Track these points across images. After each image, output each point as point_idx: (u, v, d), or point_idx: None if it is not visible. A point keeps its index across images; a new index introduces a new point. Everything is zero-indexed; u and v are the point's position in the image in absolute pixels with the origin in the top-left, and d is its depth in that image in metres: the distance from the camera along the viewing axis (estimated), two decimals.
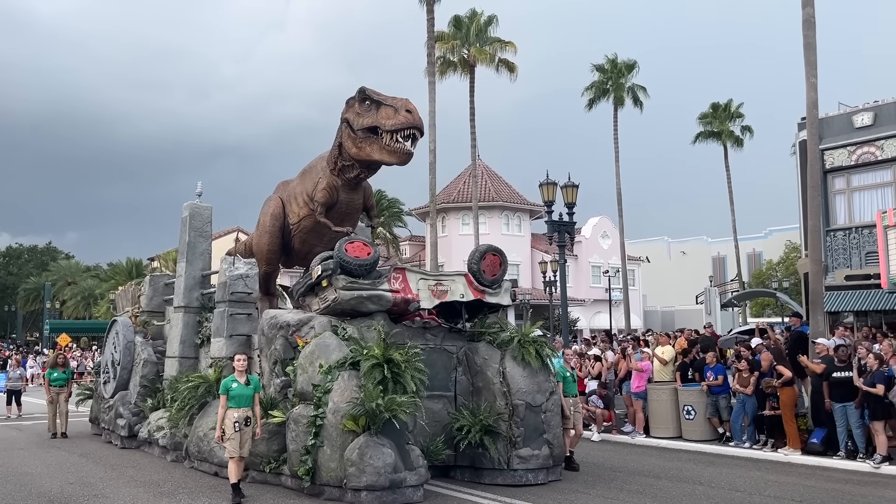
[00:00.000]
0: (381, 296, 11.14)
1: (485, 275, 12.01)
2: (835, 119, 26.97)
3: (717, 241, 66.00)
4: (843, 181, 26.76)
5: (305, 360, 10.63)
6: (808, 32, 17.94)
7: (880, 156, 25.70)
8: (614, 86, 43.03)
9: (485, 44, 37.19)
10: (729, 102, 47.23)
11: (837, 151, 26.55)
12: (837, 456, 13.16)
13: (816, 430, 13.86)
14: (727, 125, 46.96)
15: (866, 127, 25.94)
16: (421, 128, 11.44)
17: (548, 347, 11.89)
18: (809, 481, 11.61)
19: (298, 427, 10.32)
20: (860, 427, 12.97)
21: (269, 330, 11.78)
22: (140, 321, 15.98)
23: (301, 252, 14.08)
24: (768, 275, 52.52)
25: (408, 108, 11.35)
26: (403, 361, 10.19)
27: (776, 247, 56.78)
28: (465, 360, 11.89)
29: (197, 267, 14.49)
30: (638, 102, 44.05)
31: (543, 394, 11.54)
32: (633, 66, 43.48)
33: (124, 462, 13.41)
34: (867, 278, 23.99)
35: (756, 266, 60.16)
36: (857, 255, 25.76)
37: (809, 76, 17.92)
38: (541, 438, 11.35)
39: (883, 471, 12.15)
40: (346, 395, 10.02)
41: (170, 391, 13.66)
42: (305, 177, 13.55)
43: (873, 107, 26.30)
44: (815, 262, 17.82)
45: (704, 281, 56.98)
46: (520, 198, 50.85)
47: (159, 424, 13.51)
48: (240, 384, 10.42)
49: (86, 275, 72.43)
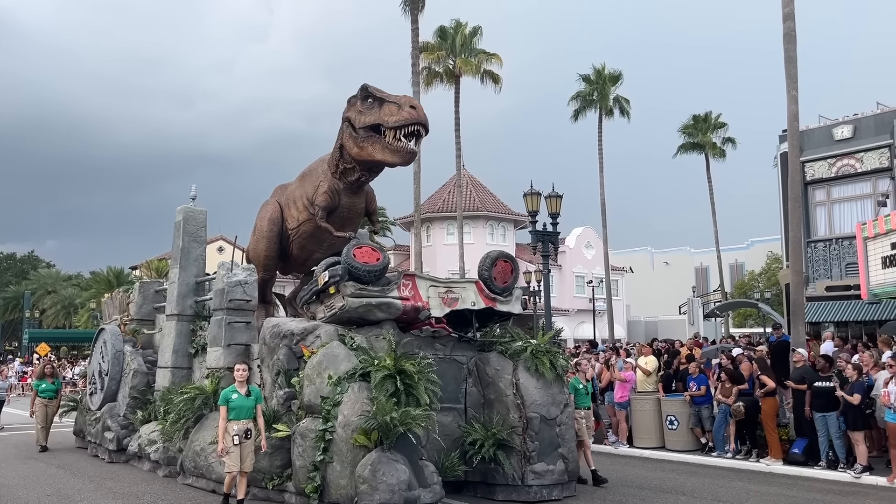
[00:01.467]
0: (390, 303, 10.47)
1: (496, 282, 11.40)
2: (815, 131, 27.14)
3: (699, 252, 66.06)
4: (824, 193, 26.91)
5: (313, 370, 9.92)
6: (789, 46, 18.04)
7: (860, 168, 25.92)
8: (600, 96, 42.63)
9: (470, 55, 36.76)
10: (709, 114, 46.93)
11: (818, 163, 26.73)
12: (818, 466, 13.09)
13: (798, 440, 13.79)
14: (709, 136, 46.70)
15: (846, 139, 26.20)
16: (426, 124, 10.88)
17: (562, 358, 11.23)
18: (791, 491, 11.52)
19: (306, 442, 9.63)
20: (840, 437, 12.88)
21: (272, 339, 11.06)
22: (129, 329, 15.14)
23: (299, 258, 13.39)
24: (750, 285, 52.60)
25: (412, 104, 10.84)
26: (416, 372, 9.58)
27: (758, 258, 56.87)
28: (476, 370, 11.25)
29: (191, 273, 13.73)
30: (624, 113, 43.74)
31: (558, 406, 10.95)
32: (619, 77, 43.23)
33: (103, 474, 12.87)
34: (847, 289, 24.08)
35: (738, 277, 60.21)
36: (838, 267, 25.97)
37: (790, 89, 18.03)
38: (555, 453, 10.76)
39: (863, 481, 12.09)
40: (357, 407, 9.36)
41: (162, 403, 12.87)
42: (305, 180, 12.89)
43: (853, 120, 26.60)
44: (797, 273, 17.89)
45: (687, 291, 56.94)
46: (504, 208, 50.40)
47: (151, 438, 12.71)
48: (240, 395, 9.76)
49: (66, 284, 70.88)
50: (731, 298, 47.53)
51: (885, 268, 19.11)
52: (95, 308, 49.83)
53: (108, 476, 12.47)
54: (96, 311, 49.13)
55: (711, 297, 51.67)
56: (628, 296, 56.97)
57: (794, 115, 18.25)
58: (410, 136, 10.92)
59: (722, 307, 40.13)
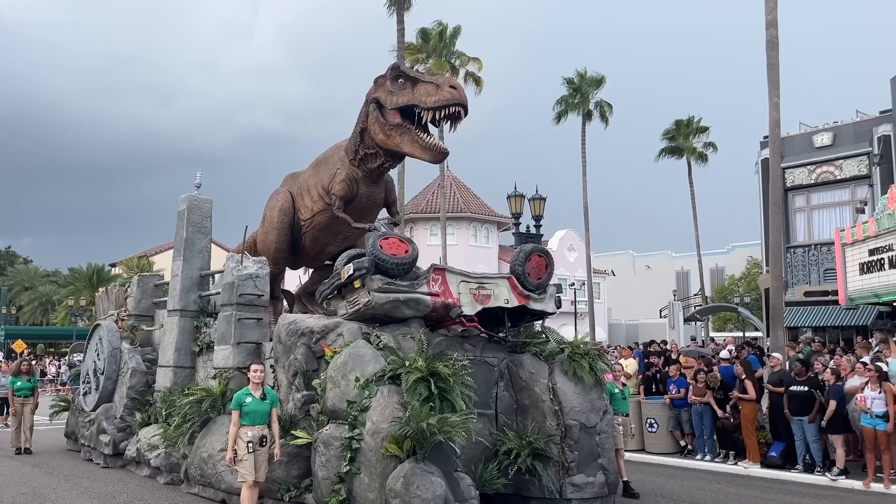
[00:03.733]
0: (419, 299, 9.48)
1: (529, 278, 10.45)
2: (796, 138, 27.37)
3: (680, 256, 65.65)
4: (804, 199, 27.14)
5: (337, 372, 8.90)
6: (772, 53, 18.14)
7: (839, 175, 26.29)
8: (582, 100, 42.05)
9: (452, 57, 35.82)
10: (691, 119, 46.30)
11: (798, 170, 27.01)
12: (795, 469, 13.19)
13: (775, 443, 13.80)
14: (690, 141, 46.14)
15: (826, 147, 26.51)
16: (466, 106, 9.86)
17: (601, 361, 10.28)
18: (768, 494, 11.54)
19: (329, 451, 8.62)
20: (817, 441, 13.01)
21: (288, 337, 10.02)
22: (127, 326, 14.00)
23: (312, 251, 12.37)
24: (730, 290, 52.09)
25: (451, 83, 9.89)
26: (450, 375, 8.57)
27: (738, 262, 56.50)
28: (508, 373, 10.29)
29: (195, 266, 12.66)
30: (604, 118, 43.17)
31: (597, 413, 10.01)
32: (601, 81, 42.75)
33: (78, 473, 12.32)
34: (825, 294, 24.29)
35: (719, 281, 59.75)
36: (816, 272, 26.26)
37: (772, 95, 18.11)
38: (595, 463, 9.82)
39: (840, 484, 12.15)
40: (388, 413, 8.38)
41: (163, 405, 11.82)
42: (320, 167, 11.86)
43: (832, 127, 26.82)
44: (776, 279, 18.00)
45: (668, 295, 56.40)
46: (488, 209, 49.59)
47: (152, 442, 11.64)
48: (255, 398, 8.77)
49: (44, 280, 68.90)
50: (711, 302, 47.20)
51: (862, 274, 19.79)
52: (74, 305, 48.25)
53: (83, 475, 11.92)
54: (75, 308, 47.64)
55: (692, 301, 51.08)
56: (610, 299, 56.38)
57: (775, 122, 18.32)
58: (447, 119, 9.89)
59: (702, 311, 40.09)
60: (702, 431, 14.63)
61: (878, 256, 19.17)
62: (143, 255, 52.49)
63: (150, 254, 54.19)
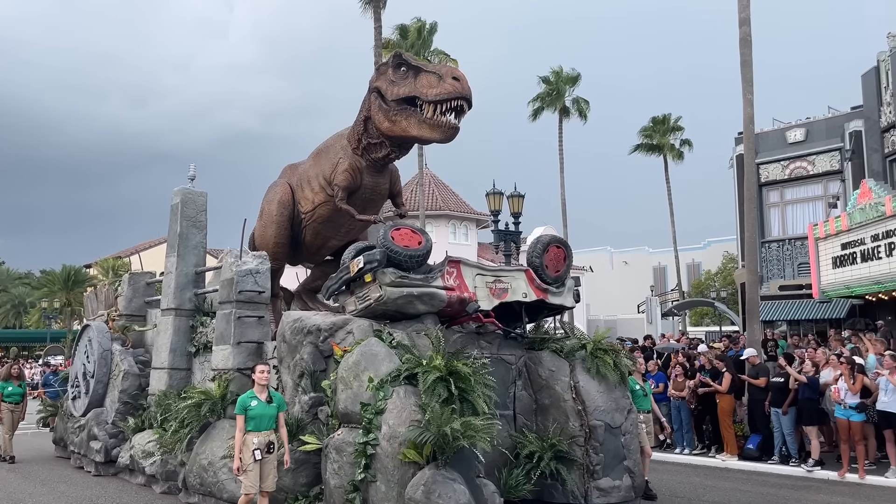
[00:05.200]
0: (434, 294, 8.80)
1: (547, 270, 9.77)
2: (769, 134, 27.52)
3: (657, 252, 65.27)
4: (778, 195, 27.37)
5: (349, 372, 8.20)
6: (745, 50, 18.21)
7: (812, 170, 26.55)
8: (559, 97, 42.19)
9: (430, 54, 35.29)
10: (668, 116, 46.05)
11: (772, 166, 27.20)
12: (772, 461, 13.40)
13: (752, 435, 14.03)
14: (667, 138, 45.96)
15: (799, 142, 26.72)
16: (470, 99, 9.17)
17: (625, 357, 9.62)
18: (746, 486, 11.64)
19: (342, 457, 7.94)
20: (793, 433, 13.20)
21: (293, 336, 9.31)
22: (118, 326, 13.19)
23: (313, 246, 11.65)
24: (707, 285, 51.85)
25: (454, 74, 9.14)
26: (471, 375, 7.88)
27: (714, 257, 56.17)
28: (527, 371, 9.60)
29: (190, 262, 11.92)
30: (582, 114, 43.30)
31: (622, 412, 9.39)
32: (577, 79, 42.76)
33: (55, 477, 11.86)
34: (800, 288, 24.47)
35: (695, 276, 59.40)
36: (791, 266, 26.45)
37: (746, 92, 18.20)
38: (621, 466, 9.20)
39: (815, 475, 12.33)
40: (405, 416, 7.72)
41: (158, 409, 11.08)
42: (321, 158, 11.16)
43: (805, 123, 27.08)
44: (752, 273, 18.06)
45: (646, 290, 56.12)
46: (467, 207, 49.06)
47: (146, 449, 10.89)
48: (260, 402, 8.09)
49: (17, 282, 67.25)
50: (688, 297, 47.26)
51: (835, 268, 20.27)
52: (48, 308, 47.05)
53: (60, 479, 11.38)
54: (49, 310, 46.48)
55: (669, 297, 51.13)
56: (588, 295, 55.77)
57: (749, 118, 18.42)
58: (451, 111, 9.20)
59: (679, 306, 40.08)
60: (681, 425, 14.77)
61: (851, 250, 19.55)
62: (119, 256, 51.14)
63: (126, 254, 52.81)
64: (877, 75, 24.73)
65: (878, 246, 18.44)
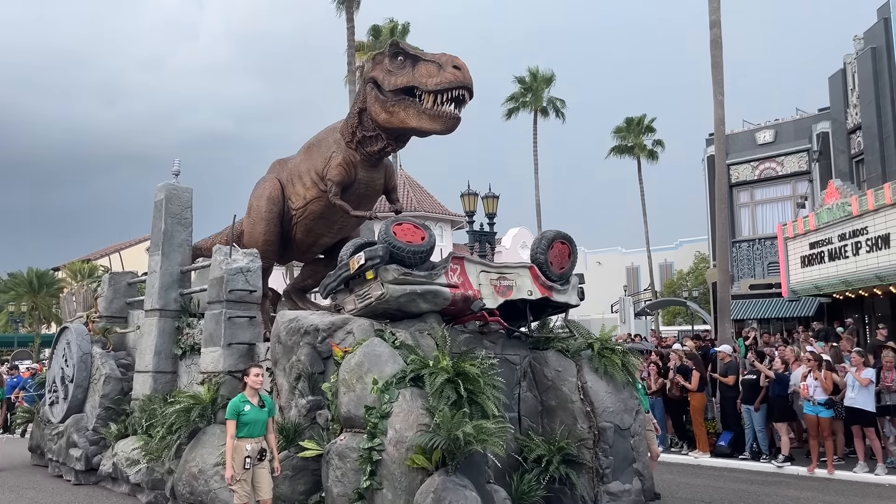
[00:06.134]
0: (437, 292, 8.27)
1: (552, 267, 9.26)
2: (740, 135, 27.80)
3: (630, 252, 65.37)
4: (748, 195, 27.62)
5: (351, 374, 7.64)
6: (716, 52, 18.28)
7: (781, 171, 26.87)
8: (534, 97, 41.77)
9: None
10: (642, 117, 46.02)
11: (742, 166, 27.49)
12: (743, 457, 13.53)
13: (724, 432, 14.18)
14: (641, 139, 45.89)
15: (768, 143, 27.01)
16: (472, 89, 8.63)
17: (633, 357, 9.13)
18: (718, 482, 11.70)
19: (346, 463, 7.38)
20: (763, 429, 13.35)
21: (289, 336, 8.71)
22: (99, 328, 12.42)
23: (304, 243, 11.06)
24: (679, 284, 52.00)
25: (455, 63, 8.60)
26: (480, 376, 7.36)
27: (686, 257, 56.28)
28: (532, 372, 9.09)
29: (175, 261, 11.25)
30: (559, 113, 43.32)
31: (630, 413, 8.96)
32: (552, 79, 42.61)
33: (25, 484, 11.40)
34: (770, 287, 24.74)
35: (668, 276, 59.48)
36: (761, 266, 26.71)
37: (717, 94, 18.28)
38: (630, 469, 8.77)
39: (786, 471, 12.48)
40: (412, 420, 7.21)
41: (142, 414, 10.38)
42: (312, 152, 10.57)
43: (774, 125, 27.34)
44: (723, 273, 18.26)
45: (619, 290, 55.91)
46: (441, 208, 48.55)
47: (131, 456, 10.21)
48: (253, 406, 7.56)
49: None
50: (660, 297, 47.23)
51: (804, 267, 20.35)
52: (15, 311, 45.47)
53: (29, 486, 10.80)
54: (16, 314, 44.96)
55: (642, 296, 51.17)
56: None
57: (720, 120, 18.50)
58: (451, 101, 8.63)
59: (652, 306, 40.12)
60: None
61: (819, 249, 19.69)
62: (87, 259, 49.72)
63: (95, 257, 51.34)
64: (843, 78, 25.08)
65: (844, 245, 18.57)
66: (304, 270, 12.10)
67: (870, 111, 22.84)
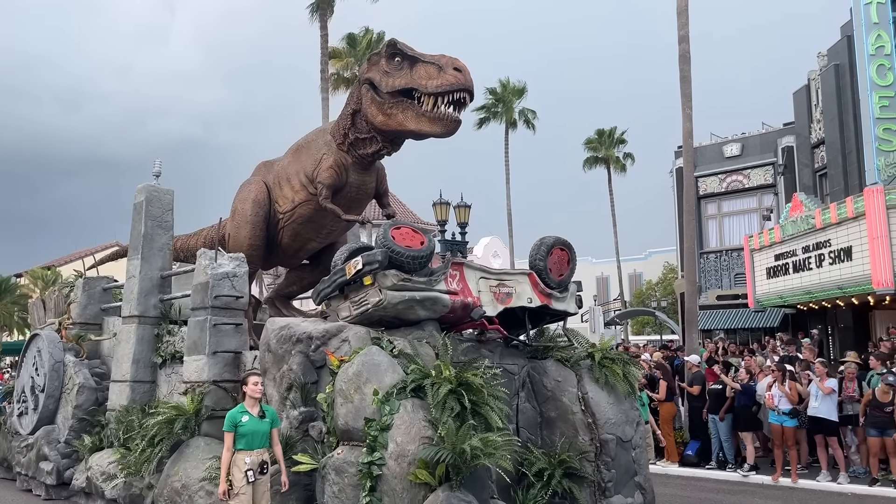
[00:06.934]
0: (437, 298, 7.83)
1: (551, 274, 8.82)
2: (708, 148, 27.94)
3: (600, 262, 65.37)
4: (715, 207, 27.75)
5: (349, 384, 7.14)
6: (684, 67, 18.29)
7: (747, 184, 26.96)
8: (505, 108, 41.53)
9: None
10: (613, 129, 46.11)
11: (710, 179, 27.58)
12: (709, 467, 13.55)
13: (692, 442, 14.19)
14: (612, 151, 45.83)
15: (735, 157, 27.17)
16: (473, 91, 8.24)
17: (633, 367, 8.74)
18: (685, 491, 11.74)
19: (343, 479, 6.89)
20: (729, 439, 13.39)
21: (280, 344, 8.17)
22: (72, 335, 11.67)
23: (290, 248, 10.53)
24: (648, 294, 52.09)
25: (455, 65, 8.21)
26: (483, 387, 6.93)
27: (655, 268, 56.45)
28: (530, 382, 8.65)
29: (155, 265, 10.63)
30: (529, 125, 43.25)
31: (632, 424, 8.62)
32: (524, 91, 42.48)
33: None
34: (736, 298, 24.67)
35: (637, 286, 59.63)
36: (728, 277, 26.72)
37: (685, 107, 18.24)
38: (632, 482, 8.46)
39: (751, 479, 12.57)
40: (414, 432, 6.77)
41: (119, 426, 9.73)
42: (301, 154, 10.08)
43: (741, 138, 27.50)
44: (691, 283, 18.28)
45: (589, 300, 55.81)
46: (413, 217, 48.02)
47: (107, 470, 9.56)
48: (252, 417, 7.04)
49: None
50: (630, 307, 47.43)
51: (769, 278, 20.38)
52: None
53: None
54: None
55: (612, 306, 51.10)
56: None
57: (688, 133, 18.46)
58: (452, 104, 8.19)
59: (621, 315, 40.27)
60: None
61: (784, 261, 19.77)
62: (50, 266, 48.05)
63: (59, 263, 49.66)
64: (807, 93, 25.32)
65: (808, 257, 18.69)
66: (289, 276, 11.54)
67: (833, 126, 23.05)
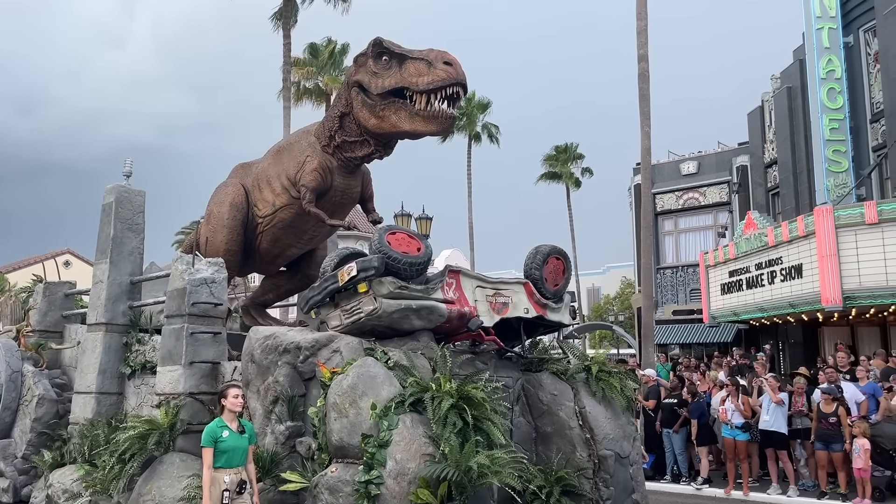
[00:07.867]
0: (433, 308, 7.31)
1: (546, 284, 8.34)
2: (665, 166, 28.18)
3: None
4: (672, 223, 27.97)
5: (343, 398, 6.55)
6: (643, 85, 18.27)
7: (703, 201, 27.17)
8: (468, 122, 41.55)
9: (340, 73, 33.67)
10: (571, 145, 46.27)
11: (667, 196, 27.75)
12: (664, 480, 13.59)
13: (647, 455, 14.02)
14: (569, 167, 45.96)
15: (691, 174, 27.47)
16: (466, 84, 7.77)
17: (631, 380, 8.30)
18: None
19: (338, 498, 6.34)
20: (683, 452, 13.49)
21: (265, 355, 7.52)
22: (32, 344, 10.75)
23: (269, 254, 9.88)
24: (606, 309, 52.30)
25: (446, 59, 7.76)
26: (485, 401, 6.42)
27: (613, 282, 56.84)
28: (525, 396, 8.13)
29: (124, 270, 9.84)
30: (493, 139, 43.65)
31: (629, 440, 8.22)
32: (488, 105, 42.81)
33: None
34: (691, 313, 24.84)
35: (595, 300, 59.70)
36: (683, 292, 26.70)
37: (644, 125, 18.30)
38: (630, 500, 8.07)
39: (704, 492, 12.65)
40: (414, 449, 6.26)
41: (83, 441, 8.92)
42: (283, 155, 9.47)
43: (697, 156, 27.89)
44: (647, 298, 18.59)
45: None
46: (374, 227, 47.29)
47: (70, 488, 8.76)
48: (232, 432, 6.48)
49: None
50: (588, 321, 47.54)
51: (723, 294, 20.42)
52: None
53: None
54: None
55: None
56: None
57: (646, 150, 18.55)
58: (445, 100, 7.68)
59: (579, 329, 40.17)
60: None
61: (737, 278, 19.94)
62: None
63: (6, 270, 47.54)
64: (761, 114, 25.67)
65: (761, 274, 18.87)
66: (265, 284, 10.86)
67: (785, 147, 23.40)
